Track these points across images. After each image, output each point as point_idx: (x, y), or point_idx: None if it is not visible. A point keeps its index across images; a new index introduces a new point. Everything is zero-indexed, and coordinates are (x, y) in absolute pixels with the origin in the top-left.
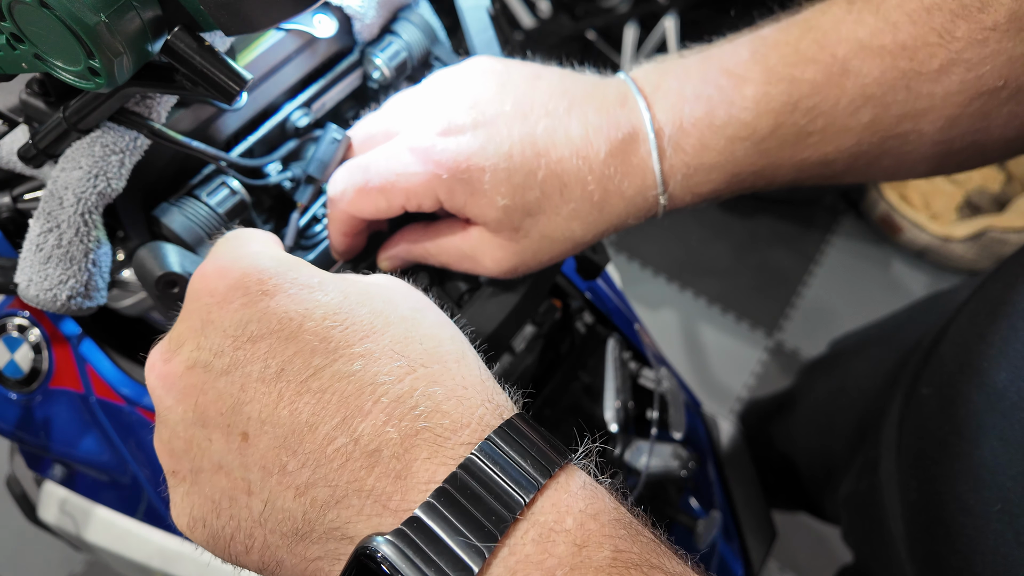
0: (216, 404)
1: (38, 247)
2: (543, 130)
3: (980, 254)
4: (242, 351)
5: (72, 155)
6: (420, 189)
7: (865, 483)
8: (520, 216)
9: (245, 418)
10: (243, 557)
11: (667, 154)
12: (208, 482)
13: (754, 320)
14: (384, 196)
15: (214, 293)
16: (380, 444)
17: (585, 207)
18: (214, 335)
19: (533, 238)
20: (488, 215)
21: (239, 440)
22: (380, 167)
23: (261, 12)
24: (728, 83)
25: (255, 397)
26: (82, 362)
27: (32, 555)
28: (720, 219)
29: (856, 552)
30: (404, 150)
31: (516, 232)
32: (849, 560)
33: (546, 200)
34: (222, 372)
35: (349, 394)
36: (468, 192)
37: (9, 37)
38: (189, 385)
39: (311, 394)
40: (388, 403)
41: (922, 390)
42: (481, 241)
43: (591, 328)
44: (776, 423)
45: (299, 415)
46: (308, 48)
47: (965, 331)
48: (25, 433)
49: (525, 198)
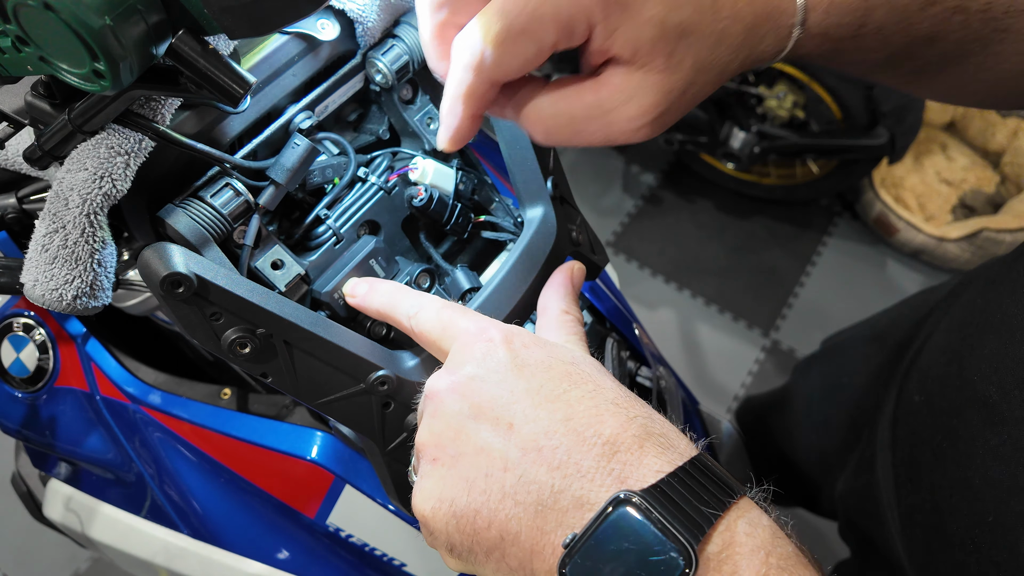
0: (490, 403)
1: (44, 247)
2: None
3: (975, 254)
4: (512, 372)
5: (77, 157)
6: (574, 13)
7: (862, 480)
8: (675, 37)
9: (512, 413)
10: (483, 533)
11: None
12: (468, 463)
13: (751, 320)
14: (533, 38)
15: (492, 339)
16: (619, 442)
17: (735, 28)
18: (492, 361)
19: (685, 69)
20: (644, 34)
21: (505, 428)
22: (518, 3)
23: (265, 16)
24: None
25: (522, 400)
26: (87, 361)
27: (37, 552)
28: (717, 220)
29: (853, 548)
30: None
31: (669, 59)
32: (846, 556)
33: (701, 16)
34: (496, 383)
35: (590, 408)
36: (621, 9)
37: (15, 39)
38: (470, 390)
39: (565, 404)
40: (622, 419)
41: (914, 396)
42: (623, 85)
43: (590, 327)
44: (772, 420)
45: (555, 415)
46: (311, 52)
47: (955, 342)
48: (31, 431)
49: (680, 13)
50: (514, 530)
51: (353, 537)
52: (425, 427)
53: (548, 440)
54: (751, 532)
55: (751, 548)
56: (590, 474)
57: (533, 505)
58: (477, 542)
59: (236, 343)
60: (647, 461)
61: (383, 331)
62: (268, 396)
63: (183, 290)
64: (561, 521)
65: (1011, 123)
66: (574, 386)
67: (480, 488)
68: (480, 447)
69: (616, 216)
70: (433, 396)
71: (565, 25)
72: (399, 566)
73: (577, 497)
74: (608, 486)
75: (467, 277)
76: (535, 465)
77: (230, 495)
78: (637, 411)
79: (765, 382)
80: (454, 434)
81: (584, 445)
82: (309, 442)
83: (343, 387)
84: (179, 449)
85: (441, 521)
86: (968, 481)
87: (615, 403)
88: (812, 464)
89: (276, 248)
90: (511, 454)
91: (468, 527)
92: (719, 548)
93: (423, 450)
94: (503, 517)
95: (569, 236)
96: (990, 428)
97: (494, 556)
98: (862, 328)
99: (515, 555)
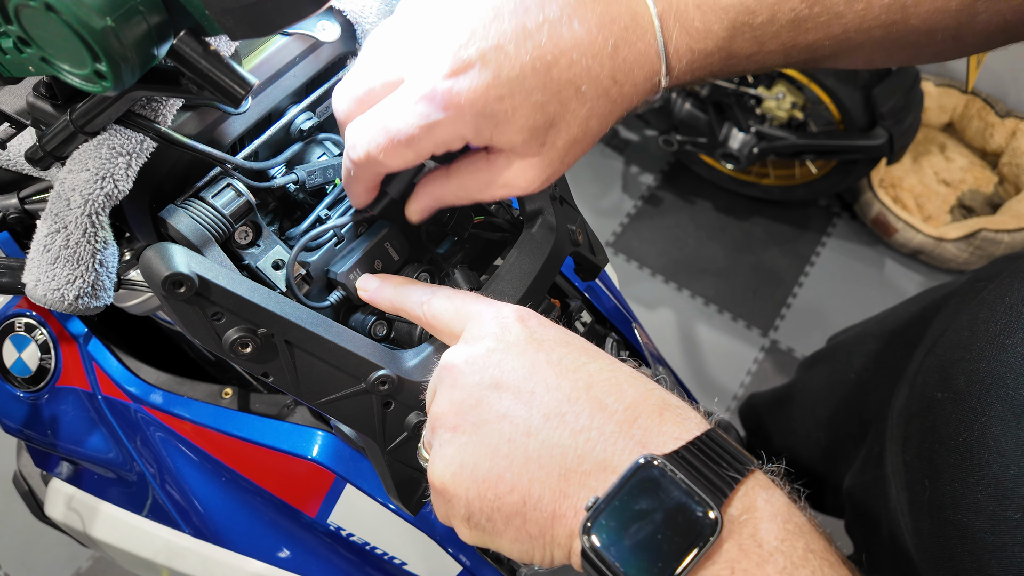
0: (511, 373)
1: (45, 248)
2: (548, 39)
3: (973, 254)
4: (532, 345)
5: (79, 157)
6: (447, 135)
7: (870, 476)
8: (544, 131)
9: (534, 383)
10: (505, 497)
11: (673, 38)
12: (490, 430)
13: (750, 320)
14: (411, 149)
15: (508, 316)
16: (640, 410)
17: (601, 103)
18: (510, 336)
19: (559, 147)
20: (515, 140)
21: (528, 395)
22: (400, 123)
23: (266, 17)
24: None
25: (543, 370)
26: (89, 360)
27: (39, 552)
28: (716, 220)
29: (859, 544)
30: (420, 100)
31: (542, 147)
32: (849, 552)
33: (565, 108)
34: (516, 355)
35: (610, 379)
36: (493, 125)
37: (16, 40)
38: (489, 362)
39: (586, 374)
40: (640, 390)
41: (936, 394)
42: (509, 166)
43: (590, 327)
44: (776, 416)
45: (578, 383)
46: (312, 53)
47: (980, 340)
48: (32, 431)
49: (546, 113)
50: (536, 494)
51: (354, 536)
52: (444, 397)
53: (571, 406)
54: (769, 499)
55: (770, 513)
56: (612, 438)
57: (557, 468)
58: (498, 508)
59: (237, 343)
60: (667, 429)
61: (384, 331)
62: (269, 396)
63: (185, 290)
64: (584, 483)
65: (1009, 124)
66: (592, 360)
67: (504, 453)
68: (503, 414)
69: (616, 216)
70: (451, 368)
71: (441, 144)
72: (400, 565)
73: (600, 460)
74: (631, 450)
75: (467, 277)
76: (558, 430)
77: (231, 494)
78: (654, 385)
79: (764, 382)
80: (475, 402)
81: (606, 412)
82: (310, 441)
83: (344, 387)
84: (180, 448)
85: (462, 487)
86: (996, 479)
87: (632, 376)
88: (817, 460)
89: (277, 248)
90: (534, 420)
91: (490, 492)
92: (739, 511)
93: (441, 419)
94: (526, 481)
95: (569, 236)
96: (1023, 427)
97: (514, 523)
98: (869, 325)
99: (536, 520)
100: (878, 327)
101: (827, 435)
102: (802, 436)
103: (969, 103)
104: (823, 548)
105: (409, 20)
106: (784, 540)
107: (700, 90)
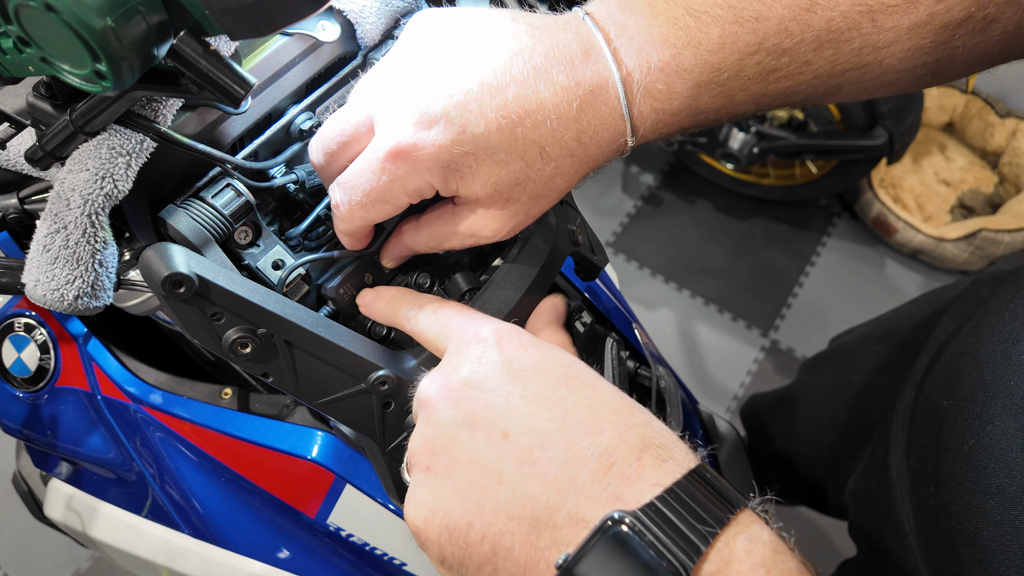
0: (484, 411)
1: (45, 248)
2: (514, 99)
3: (974, 254)
4: (508, 377)
5: (79, 157)
6: (416, 186)
7: (874, 479)
8: (508, 187)
9: (507, 422)
10: (475, 546)
11: (636, 101)
12: (461, 474)
13: (750, 320)
14: (387, 203)
15: (486, 340)
16: (616, 455)
17: (566, 163)
18: (486, 366)
19: (523, 202)
20: (480, 193)
21: (499, 438)
22: (371, 181)
23: (266, 17)
24: (694, 23)
25: (517, 408)
26: (88, 361)
27: (38, 552)
28: (716, 220)
29: (863, 546)
30: (387, 157)
31: (506, 203)
32: (851, 554)
33: (529, 168)
34: (491, 390)
35: (587, 417)
36: (459, 178)
37: (16, 40)
38: (464, 396)
39: (561, 412)
40: (619, 429)
41: (941, 401)
42: (475, 217)
43: (590, 327)
44: (778, 417)
45: (551, 424)
46: (312, 53)
47: (987, 349)
48: (32, 431)
49: (510, 170)
50: (507, 545)
51: (354, 536)
52: (419, 434)
53: (543, 452)
54: (750, 549)
55: (750, 566)
56: (585, 489)
57: (528, 520)
58: (469, 556)
59: (237, 343)
60: (644, 474)
61: (383, 331)
62: (269, 396)
63: (184, 290)
64: (556, 538)
65: (1010, 124)
66: (571, 392)
67: (474, 501)
68: (474, 457)
69: (616, 216)
70: (426, 403)
71: (413, 195)
72: (400, 565)
73: (572, 514)
74: (604, 502)
75: (466, 277)
76: (530, 479)
77: (231, 495)
78: (636, 419)
79: (764, 382)
80: (447, 443)
81: (580, 458)
82: (310, 442)
83: (344, 387)
84: (180, 449)
85: (433, 532)
86: (1003, 488)
87: (613, 410)
88: (819, 462)
89: (277, 248)
90: (505, 466)
91: (461, 540)
92: (716, 567)
93: (416, 458)
94: (496, 531)
95: (569, 236)
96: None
97: (486, 570)
98: (871, 327)
99: (507, 570)
100: (880, 329)
101: (830, 437)
102: (804, 437)
103: (969, 103)
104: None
105: (385, 69)
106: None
107: None
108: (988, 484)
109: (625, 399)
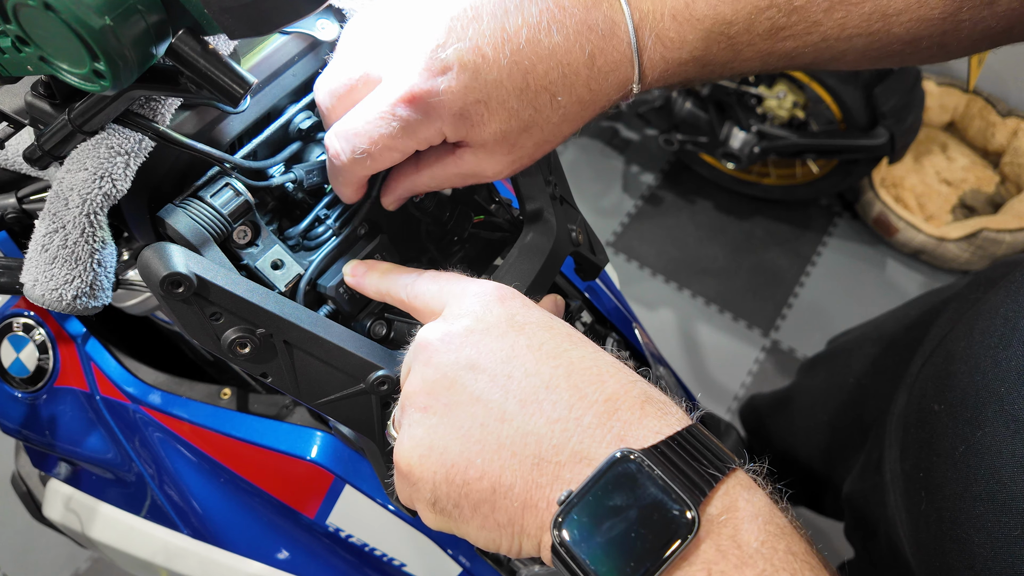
0: (488, 356)
1: (43, 247)
2: (526, 44)
3: (975, 254)
4: (513, 328)
5: (77, 157)
6: (428, 134)
7: (869, 482)
8: (516, 134)
9: (511, 367)
10: (474, 484)
11: (647, 47)
12: (463, 413)
13: (751, 320)
14: (395, 151)
15: (490, 295)
16: (620, 401)
17: (574, 109)
18: (491, 316)
19: (528, 147)
20: (487, 140)
21: (504, 379)
22: (379, 127)
23: (265, 16)
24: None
25: (522, 355)
26: (87, 361)
27: (37, 552)
28: (717, 220)
29: (859, 549)
30: (399, 104)
31: (512, 148)
32: (849, 556)
33: (538, 114)
34: (496, 337)
35: (591, 367)
36: (469, 125)
37: (15, 39)
38: (467, 342)
39: (567, 360)
40: (622, 381)
41: (932, 405)
42: (478, 160)
43: (590, 327)
44: (776, 419)
45: (557, 370)
46: (311, 52)
47: (976, 352)
48: (31, 431)
49: (521, 119)
50: (508, 482)
51: (353, 537)
52: (417, 375)
53: (548, 393)
54: (750, 499)
55: (750, 514)
56: (590, 430)
57: (530, 457)
58: (466, 495)
59: (236, 343)
60: (647, 422)
61: (383, 331)
62: (268, 396)
63: (183, 290)
64: (558, 475)
65: (1011, 123)
66: (574, 346)
67: (475, 438)
68: (476, 396)
69: (616, 216)
70: (426, 346)
71: (423, 143)
72: (399, 566)
73: (576, 451)
74: (608, 443)
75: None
76: (534, 417)
77: (230, 495)
78: (637, 377)
79: (765, 382)
80: (449, 383)
81: (585, 401)
82: (309, 442)
83: (343, 387)
84: (179, 449)
85: (429, 470)
86: (993, 494)
87: (615, 366)
88: (817, 463)
89: (276, 248)
90: (510, 405)
91: (459, 477)
92: (719, 511)
93: (412, 398)
94: (497, 468)
95: (569, 236)
96: (1020, 441)
97: (482, 510)
98: (868, 329)
99: (505, 509)
100: (877, 331)
101: (827, 438)
102: (802, 438)
103: (970, 102)
104: (804, 551)
105: (388, 11)
106: (764, 542)
107: (701, 89)
108: (979, 491)
109: (624, 364)
